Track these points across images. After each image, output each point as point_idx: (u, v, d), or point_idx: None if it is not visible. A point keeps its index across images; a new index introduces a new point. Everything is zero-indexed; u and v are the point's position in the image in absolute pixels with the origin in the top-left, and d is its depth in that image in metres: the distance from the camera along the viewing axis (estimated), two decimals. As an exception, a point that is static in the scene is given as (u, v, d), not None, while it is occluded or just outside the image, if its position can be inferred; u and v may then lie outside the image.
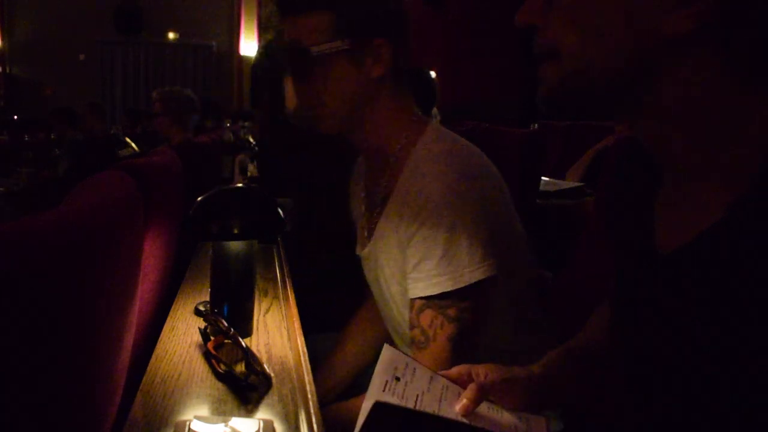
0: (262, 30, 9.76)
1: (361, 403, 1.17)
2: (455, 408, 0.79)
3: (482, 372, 0.84)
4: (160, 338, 1.06)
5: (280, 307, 1.24)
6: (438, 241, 1.04)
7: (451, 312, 1.06)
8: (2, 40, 9.18)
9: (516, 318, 1.21)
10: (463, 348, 1.06)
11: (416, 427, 0.69)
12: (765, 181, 0.52)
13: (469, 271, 1.04)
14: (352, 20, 1.12)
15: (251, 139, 3.64)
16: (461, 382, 0.84)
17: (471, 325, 1.07)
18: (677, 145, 0.58)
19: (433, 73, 3.24)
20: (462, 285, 1.03)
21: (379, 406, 0.65)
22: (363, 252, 1.27)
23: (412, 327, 1.10)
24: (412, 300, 1.09)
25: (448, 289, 1.04)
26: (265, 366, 0.91)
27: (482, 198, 1.08)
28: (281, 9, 1.16)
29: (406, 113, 1.19)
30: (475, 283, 1.04)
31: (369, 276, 1.28)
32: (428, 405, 0.78)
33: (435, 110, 3.25)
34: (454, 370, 0.85)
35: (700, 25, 0.52)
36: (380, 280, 1.22)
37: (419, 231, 1.06)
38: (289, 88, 1.77)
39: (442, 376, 0.84)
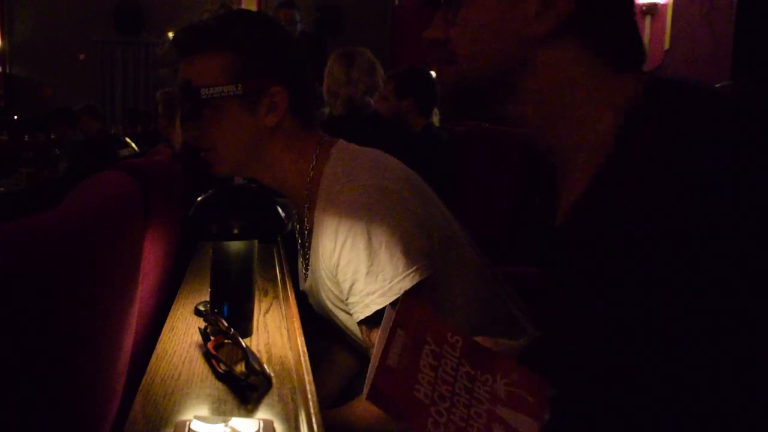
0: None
1: (354, 407, 1.17)
2: None
3: None
4: (160, 338, 1.06)
5: (280, 307, 1.24)
6: (360, 261, 1.04)
7: None
8: (2, 40, 9.17)
9: (478, 310, 1.19)
10: None
11: None
12: (617, 153, 0.62)
13: (396, 282, 1.03)
14: (247, 65, 1.09)
15: None
16: None
17: None
18: (551, 130, 0.70)
19: (433, 73, 3.24)
20: (393, 298, 1.02)
21: None
22: (305, 287, 1.26)
23: (368, 349, 1.10)
24: (359, 325, 1.09)
25: (381, 306, 1.03)
26: (265, 366, 0.91)
27: (394, 204, 1.06)
28: (177, 47, 1.13)
29: (309, 146, 1.16)
30: (409, 290, 1.02)
31: (316, 308, 1.27)
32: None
33: (435, 110, 3.25)
34: None
35: (559, 23, 0.65)
36: (327, 311, 1.22)
37: (341, 256, 1.06)
38: (178, 127, 1.72)
39: None
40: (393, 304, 0.81)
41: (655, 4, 5.62)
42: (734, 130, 0.56)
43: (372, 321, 1.06)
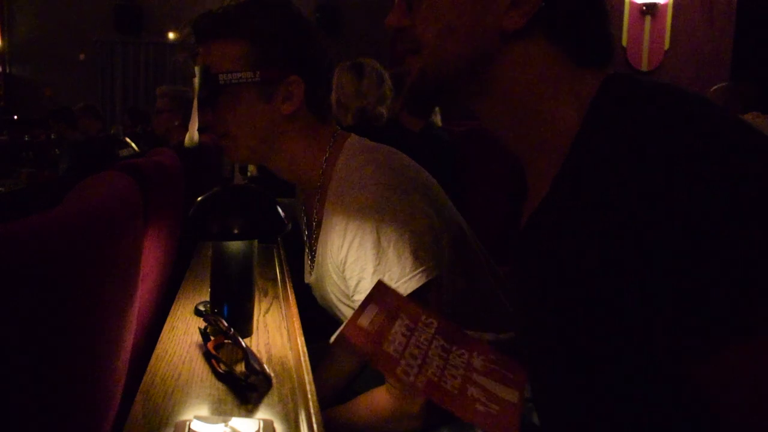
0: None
1: (354, 407, 1.17)
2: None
3: None
4: (160, 338, 1.06)
5: (280, 307, 1.23)
6: (368, 259, 1.04)
7: None
8: (2, 40, 9.17)
9: (483, 312, 1.20)
10: None
11: None
12: (575, 156, 0.62)
13: (403, 282, 1.02)
14: (266, 53, 1.09)
15: None
16: None
17: None
18: (516, 127, 0.69)
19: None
20: None
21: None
22: (310, 280, 1.26)
23: None
24: None
25: None
26: (265, 366, 0.91)
27: (405, 204, 1.06)
28: (196, 32, 1.13)
29: (323, 138, 1.16)
30: (415, 291, 1.02)
31: (320, 302, 1.27)
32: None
33: (437, 109, 3.24)
34: None
35: (528, 20, 0.65)
36: (331, 305, 1.21)
37: (349, 253, 1.06)
38: (195, 113, 1.70)
39: None
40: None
41: (655, 4, 5.62)
42: (685, 128, 0.54)
43: None
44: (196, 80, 1.12)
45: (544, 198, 0.66)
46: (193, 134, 1.65)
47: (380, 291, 0.81)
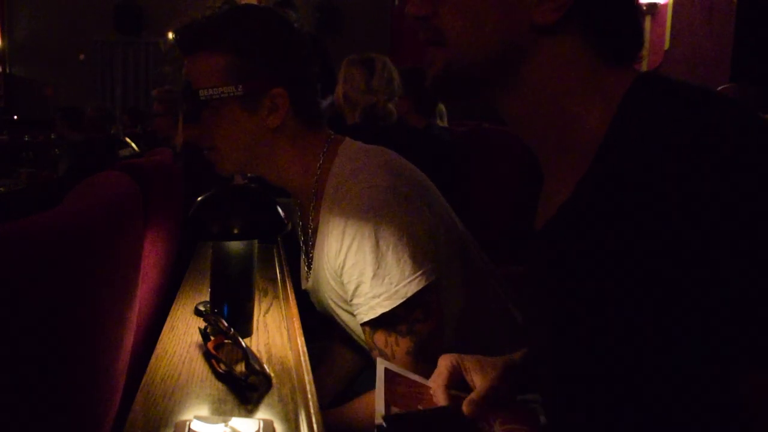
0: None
1: (354, 407, 1.17)
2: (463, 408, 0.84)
3: (469, 365, 0.87)
4: (160, 338, 1.06)
5: (280, 307, 1.23)
6: (366, 263, 1.03)
7: (402, 327, 1.04)
8: (2, 40, 9.17)
9: (481, 314, 1.20)
10: (425, 356, 1.04)
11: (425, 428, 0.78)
12: (604, 156, 0.60)
13: (403, 286, 1.02)
14: (247, 66, 1.06)
15: None
16: (452, 374, 0.86)
17: (427, 333, 1.05)
18: (541, 126, 0.67)
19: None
20: (399, 301, 1.02)
21: (388, 420, 0.73)
22: (307, 286, 1.25)
23: (371, 350, 1.09)
24: (362, 326, 1.08)
25: (387, 309, 1.02)
26: (265, 366, 0.91)
27: (401, 206, 1.04)
28: (179, 46, 1.11)
29: (316, 145, 1.14)
30: (415, 294, 1.02)
31: (318, 308, 1.27)
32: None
33: (440, 107, 3.23)
34: (445, 362, 0.87)
35: (562, 14, 0.62)
36: (329, 311, 1.21)
37: (347, 257, 1.05)
38: (180, 125, 1.70)
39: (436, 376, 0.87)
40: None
41: (655, 4, 5.62)
42: (724, 133, 0.53)
43: (376, 323, 1.05)
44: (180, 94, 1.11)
45: (569, 198, 0.64)
46: (178, 143, 1.64)
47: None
